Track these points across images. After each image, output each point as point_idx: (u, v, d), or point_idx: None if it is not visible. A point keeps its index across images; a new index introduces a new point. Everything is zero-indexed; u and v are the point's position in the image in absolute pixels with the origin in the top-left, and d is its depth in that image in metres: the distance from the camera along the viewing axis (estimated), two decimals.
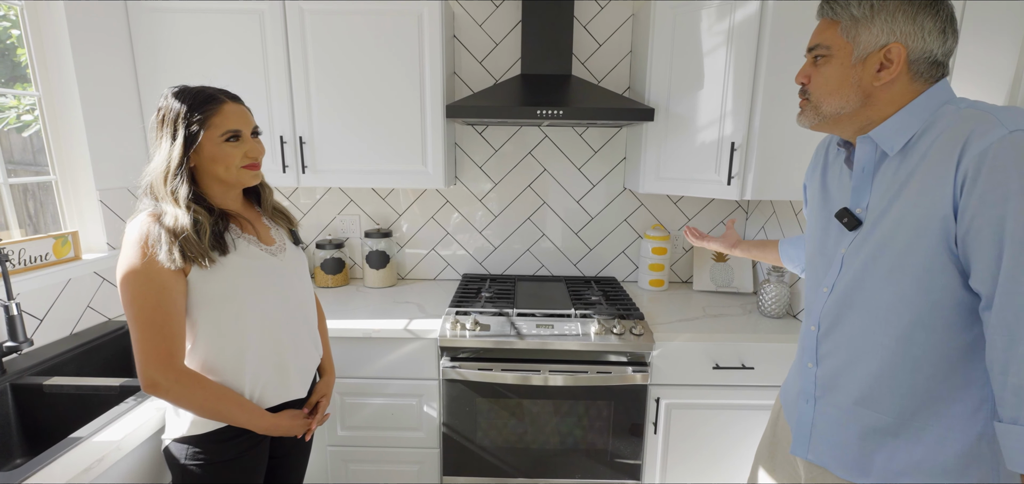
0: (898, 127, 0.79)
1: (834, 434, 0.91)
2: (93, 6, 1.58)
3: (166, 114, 0.97)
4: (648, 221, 2.18)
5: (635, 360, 1.60)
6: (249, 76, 1.74)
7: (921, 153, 0.77)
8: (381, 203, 2.18)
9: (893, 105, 0.80)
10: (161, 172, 0.96)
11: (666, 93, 1.73)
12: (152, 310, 0.91)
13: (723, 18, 1.56)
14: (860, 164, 0.85)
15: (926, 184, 0.75)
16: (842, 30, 0.80)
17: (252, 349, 1.03)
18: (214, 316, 0.99)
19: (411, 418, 1.70)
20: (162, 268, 0.91)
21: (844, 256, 0.88)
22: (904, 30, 0.76)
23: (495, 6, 2.00)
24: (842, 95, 0.82)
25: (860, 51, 0.79)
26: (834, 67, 0.82)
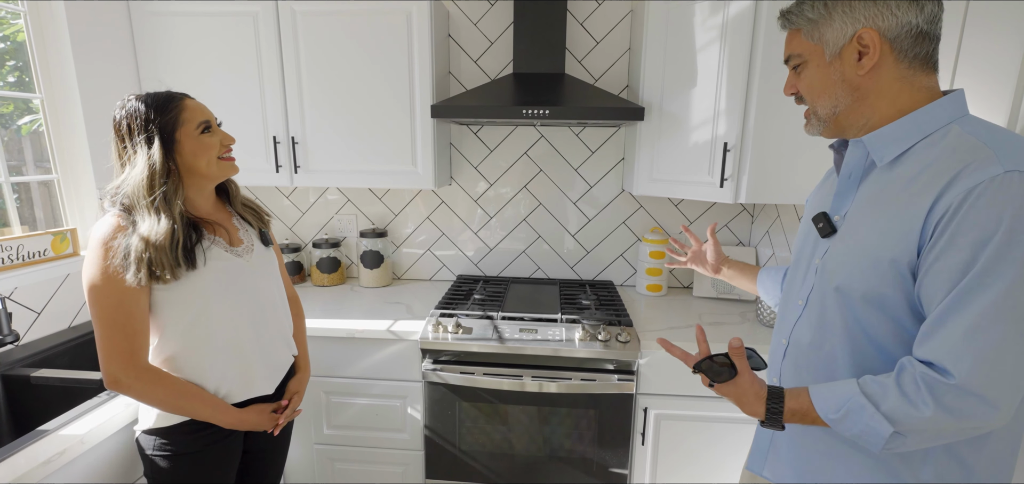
0: (894, 136, 0.73)
1: (793, 450, 0.88)
2: (96, 10, 1.64)
3: (131, 122, 0.95)
4: (648, 223, 2.11)
5: (621, 368, 1.55)
6: (244, 77, 1.77)
7: (910, 174, 0.71)
8: (378, 203, 2.19)
9: (885, 98, 0.74)
10: (143, 181, 0.93)
11: (659, 91, 1.66)
12: (114, 310, 0.92)
13: (717, 12, 1.49)
14: (848, 168, 0.80)
15: (899, 211, 0.70)
16: (805, 35, 0.78)
17: (216, 348, 1.03)
18: (178, 317, 0.99)
19: (395, 419, 1.70)
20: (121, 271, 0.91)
21: (818, 267, 0.83)
22: (867, 14, 0.71)
23: (490, 5, 1.98)
24: (830, 95, 0.77)
25: (831, 48, 0.75)
26: (813, 71, 0.78)
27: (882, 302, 0.73)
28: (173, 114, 0.97)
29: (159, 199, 0.94)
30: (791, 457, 0.88)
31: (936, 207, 0.65)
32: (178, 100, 0.99)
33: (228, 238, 1.07)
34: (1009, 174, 0.61)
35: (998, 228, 0.61)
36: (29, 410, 1.30)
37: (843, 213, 0.81)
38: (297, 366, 1.28)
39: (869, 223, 0.75)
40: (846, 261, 0.77)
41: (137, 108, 0.96)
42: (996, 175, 0.61)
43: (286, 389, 1.21)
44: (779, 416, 0.78)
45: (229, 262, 1.04)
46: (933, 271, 0.66)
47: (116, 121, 0.97)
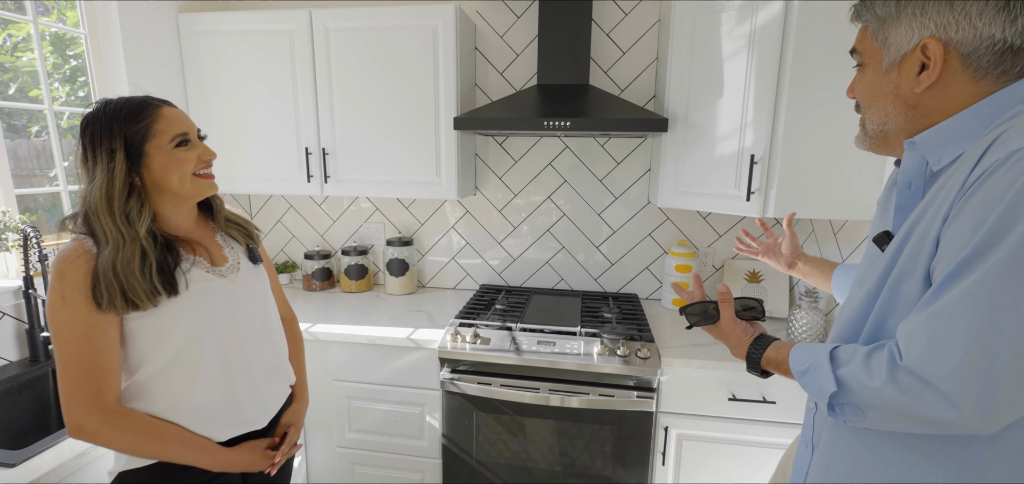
0: (947, 136, 0.62)
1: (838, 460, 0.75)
2: (148, 27, 1.77)
3: (96, 129, 0.84)
4: (674, 236, 2.06)
5: (641, 385, 1.51)
6: (279, 91, 1.85)
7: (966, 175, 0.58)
8: (405, 212, 2.24)
9: (948, 115, 0.63)
10: (101, 196, 0.83)
11: (685, 102, 1.63)
12: (77, 344, 0.82)
13: (744, 21, 1.45)
14: (907, 177, 0.68)
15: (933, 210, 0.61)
16: (871, 33, 0.68)
17: (199, 380, 0.92)
18: (154, 347, 0.89)
19: (414, 426, 1.72)
20: (92, 308, 0.82)
21: None
22: (939, 20, 0.60)
23: (516, 17, 2.00)
24: (879, 107, 0.68)
25: (892, 54, 0.65)
26: (868, 75, 0.70)
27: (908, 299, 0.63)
28: (144, 124, 0.86)
29: (119, 218, 0.84)
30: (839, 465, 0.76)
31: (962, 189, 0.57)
32: (153, 107, 0.89)
33: (210, 257, 0.97)
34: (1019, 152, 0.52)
35: (997, 206, 0.52)
36: None
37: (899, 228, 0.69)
38: (294, 395, 1.15)
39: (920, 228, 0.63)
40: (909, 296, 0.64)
41: (104, 113, 0.85)
42: (1018, 149, 0.52)
43: (280, 422, 1.09)
44: (758, 360, 0.80)
45: (211, 283, 0.94)
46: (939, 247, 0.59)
47: (81, 126, 0.86)
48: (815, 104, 1.37)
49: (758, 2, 1.41)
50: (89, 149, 0.85)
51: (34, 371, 1.36)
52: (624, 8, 1.92)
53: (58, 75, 1.62)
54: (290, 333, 1.19)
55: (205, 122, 1.93)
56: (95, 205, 0.84)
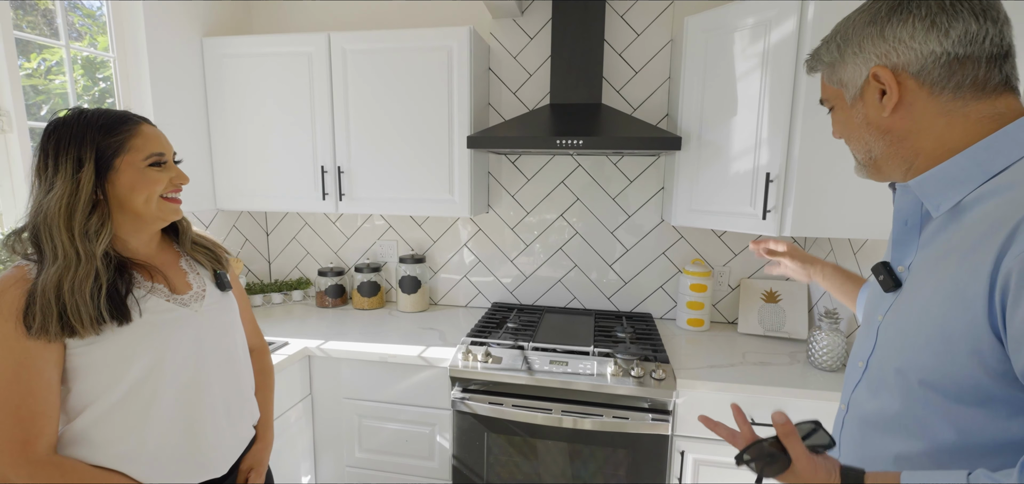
0: (948, 178, 0.62)
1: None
2: (173, 53, 1.83)
3: (64, 135, 0.78)
4: (689, 255, 2.03)
5: (656, 407, 1.48)
6: (296, 110, 1.90)
7: (975, 219, 0.59)
8: (418, 230, 2.25)
9: (926, 135, 0.64)
10: (60, 209, 0.76)
11: (698, 120, 1.62)
12: (7, 384, 0.73)
13: (757, 40, 1.44)
14: (902, 215, 0.70)
15: (962, 268, 0.58)
16: (827, 79, 0.73)
17: (152, 422, 0.83)
18: (101, 384, 0.80)
19: (424, 447, 1.70)
20: (24, 337, 0.74)
21: (879, 326, 0.72)
22: (877, 51, 0.65)
23: (529, 38, 2.02)
24: (859, 139, 0.71)
25: (851, 91, 0.70)
26: (840, 114, 0.73)
27: (967, 373, 0.58)
28: (120, 137, 0.81)
29: (78, 234, 0.77)
30: None
31: (1001, 263, 0.53)
32: (133, 123, 0.84)
33: (169, 285, 0.89)
34: None
35: None
36: None
37: (908, 264, 0.69)
38: (257, 434, 1.04)
39: (932, 287, 0.62)
40: (907, 329, 0.65)
41: (78, 121, 0.79)
42: None
43: (240, 467, 1.00)
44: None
45: (171, 313, 0.86)
46: (1016, 339, 0.52)
47: (47, 130, 0.79)
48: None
49: (771, 22, 1.41)
50: (51, 155, 0.78)
51: None
52: (636, 28, 1.94)
53: (87, 97, 1.68)
54: (259, 365, 1.09)
55: (225, 142, 1.98)
56: (50, 217, 0.76)
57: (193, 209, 1.95)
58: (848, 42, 0.68)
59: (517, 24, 2.02)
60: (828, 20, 1.31)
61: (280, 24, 2.21)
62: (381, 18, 2.12)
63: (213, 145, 2.00)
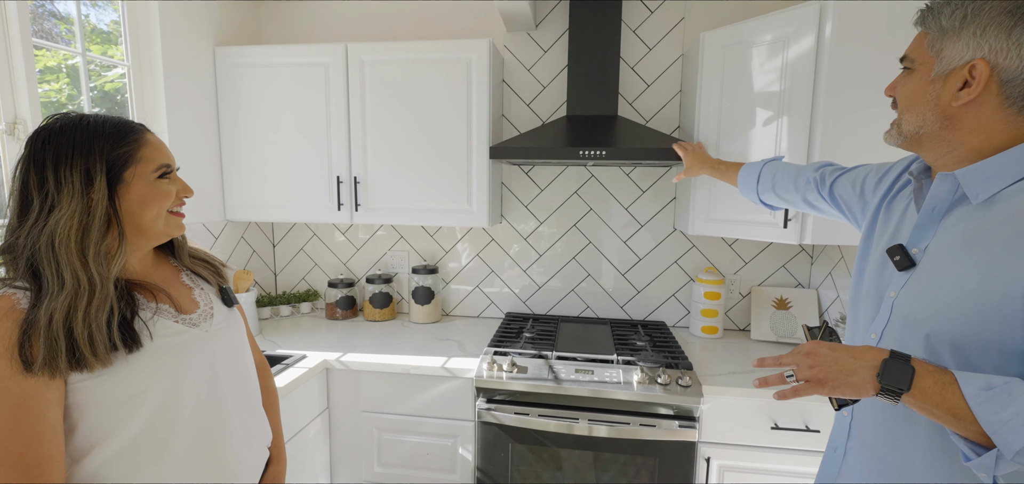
0: (992, 172, 0.68)
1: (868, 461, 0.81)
2: (187, 60, 1.80)
3: (64, 146, 0.69)
4: (701, 263, 2.07)
5: (682, 414, 1.49)
6: (311, 120, 1.88)
7: (1010, 216, 0.66)
8: (430, 240, 2.25)
9: (980, 134, 0.70)
10: (73, 230, 0.68)
11: (716, 133, 1.66)
12: (6, 432, 0.64)
13: (776, 55, 1.50)
14: (932, 202, 0.75)
15: (1006, 253, 0.65)
16: (929, 42, 0.73)
17: (172, 455, 0.76)
18: (111, 421, 0.72)
19: (446, 459, 1.68)
20: (20, 375, 0.65)
21: (894, 302, 0.79)
22: (995, 46, 0.66)
23: (543, 51, 2.05)
24: (918, 112, 0.74)
25: (942, 66, 0.71)
26: (914, 81, 0.75)
27: (992, 341, 0.66)
28: (130, 147, 0.75)
29: (93, 258, 0.69)
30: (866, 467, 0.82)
31: None
32: (138, 132, 0.77)
33: (175, 304, 0.81)
34: None
35: None
36: None
37: (923, 246, 0.76)
38: (272, 456, 0.99)
39: (968, 265, 0.69)
40: (940, 305, 0.71)
41: (80, 128, 0.71)
42: None
43: None
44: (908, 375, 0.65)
45: (181, 336, 0.78)
46: None
47: (39, 138, 0.70)
48: (851, 134, 1.40)
49: (789, 38, 1.46)
50: (50, 168, 0.68)
51: None
52: (648, 43, 1.99)
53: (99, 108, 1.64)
54: (264, 383, 1.02)
55: (236, 152, 1.95)
56: (59, 240, 0.67)
57: (203, 220, 1.91)
58: (976, 20, 0.67)
59: (531, 37, 2.05)
60: (845, 37, 1.37)
61: (289, 33, 2.20)
62: (392, 26, 2.12)
63: (223, 155, 1.97)
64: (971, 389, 0.62)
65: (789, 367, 0.73)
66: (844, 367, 0.69)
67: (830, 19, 1.37)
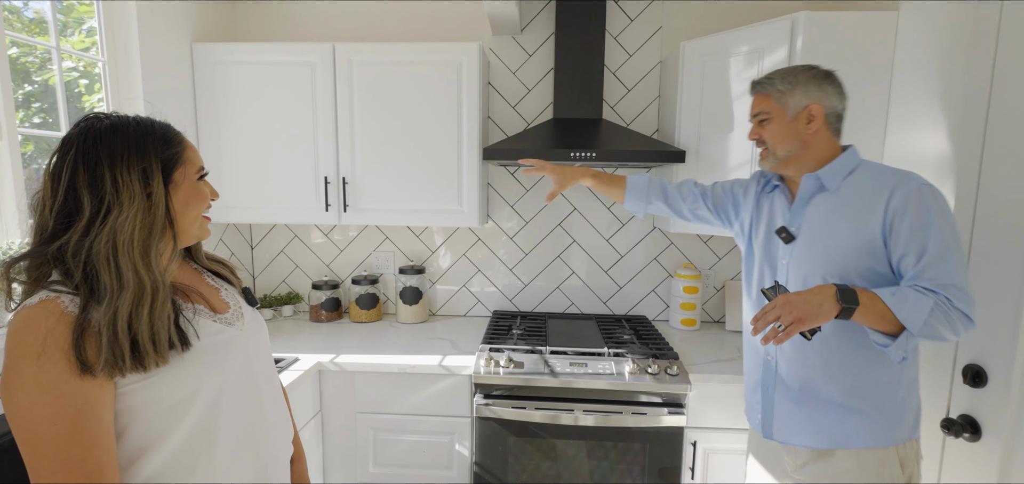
0: (837, 171, 1.09)
1: (791, 414, 1.14)
2: (163, 59, 1.73)
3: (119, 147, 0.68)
4: (678, 260, 2.18)
5: (671, 401, 1.58)
6: (297, 120, 1.85)
7: (852, 195, 1.07)
8: (415, 240, 2.25)
9: (821, 150, 1.10)
10: (138, 231, 0.67)
11: (696, 136, 1.77)
12: (67, 439, 0.62)
13: (752, 64, 1.61)
14: (803, 195, 1.13)
15: (860, 215, 1.04)
16: (775, 99, 1.11)
17: (222, 456, 0.76)
18: (162, 424, 0.71)
19: (443, 456, 1.70)
20: (77, 378, 0.63)
21: (788, 266, 1.14)
22: (816, 95, 1.08)
23: (528, 55, 2.10)
24: (788, 142, 1.11)
25: (791, 111, 1.10)
26: (776, 124, 1.11)
27: (860, 269, 1.03)
28: (177, 149, 0.75)
29: (153, 259, 0.69)
30: (791, 421, 1.14)
31: (888, 208, 1.01)
32: (180, 134, 0.79)
33: (209, 304, 0.81)
34: (921, 185, 1.00)
35: (928, 211, 0.97)
36: None
37: (797, 225, 1.13)
38: (295, 452, 1.00)
39: (837, 227, 1.06)
40: (826, 255, 1.07)
41: (132, 128, 0.71)
42: (913, 187, 1.00)
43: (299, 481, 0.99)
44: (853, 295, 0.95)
45: (221, 335, 0.79)
46: (901, 243, 0.99)
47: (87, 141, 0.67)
48: None
49: (764, 50, 1.58)
50: (105, 167, 0.66)
51: None
52: (629, 50, 2.08)
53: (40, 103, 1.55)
54: None
55: (216, 151, 1.89)
56: (124, 242, 0.66)
57: None
58: (798, 84, 1.09)
59: (516, 41, 2.10)
60: (813, 49, 1.50)
61: (266, 32, 2.15)
62: (372, 27, 2.12)
63: (202, 155, 1.90)
64: (886, 296, 0.96)
65: (775, 320, 0.97)
66: (813, 303, 0.95)
67: (801, 33, 1.50)
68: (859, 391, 1.06)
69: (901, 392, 1.06)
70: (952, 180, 1.28)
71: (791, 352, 1.13)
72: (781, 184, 1.20)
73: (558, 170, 1.47)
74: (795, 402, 1.13)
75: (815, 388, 1.10)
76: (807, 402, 1.11)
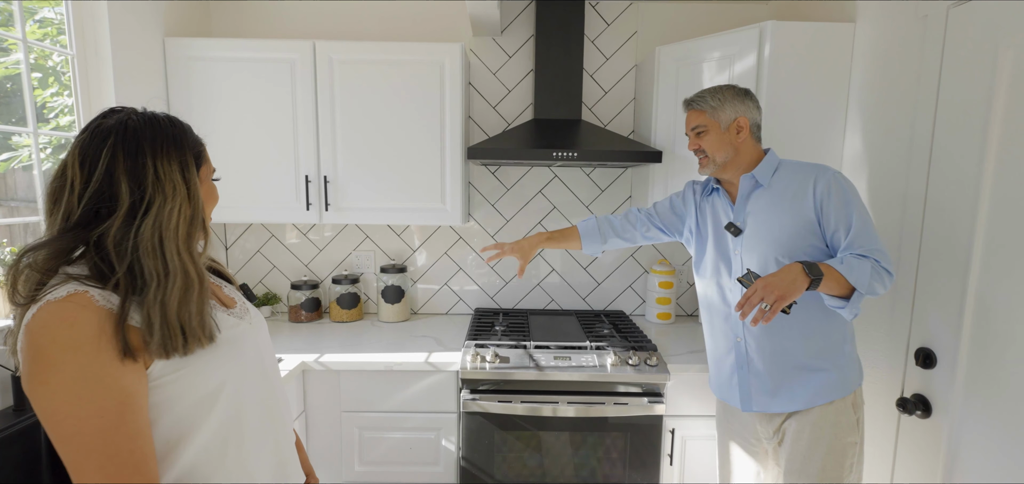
0: (766, 170, 1.29)
1: (766, 384, 1.29)
2: (134, 54, 1.68)
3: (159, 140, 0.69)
4: (654, 256, 2.27)
5: (650, 391, 1.65)
6: (277, 119, 1.83)
7: (782, 185, 1.26)
8: (396, 239, 2.25)
9: (750, 155, 1.30)
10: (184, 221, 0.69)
11: (672, 137, 1.85)
12: (112, 430, 0.61)
13: (723, 70, 1.70)
14: (743, 192, 1.31)
15: (794, 202, 1.23)
16: (708, 114, 1.30)
17: (247, 449, 0.77)
18: (191, 417, 0.71)
19: (429, 452, 1.72)
20: (118, 366, 0.62)
21: (740, 255, 1.30)
22: (740, 109, 1.29)
23: (508, 56, 2.14)
24: (723, 150, 1.30)
25: (724, 123, 1.29)
26: (713, 135, 1.30)
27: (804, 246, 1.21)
28: (202, 148, 0.78)
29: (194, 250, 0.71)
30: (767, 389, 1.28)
31: (815, 193, 1.21)
32: None
33: (218, 299, 0.83)
34: (834, 173, 1.21)
35: (845, 192, 1.19)
36: None
37: (742, 219, 1.30)
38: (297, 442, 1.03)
39: (778, 215, 1.24)
40: (774, 238, 1.24)
41: (166, 122, 0.72)
42: (830, 176, 1.21)
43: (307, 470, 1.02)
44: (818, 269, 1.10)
45: (236, 329, 0.80)
46: (832, 221, 1.19)
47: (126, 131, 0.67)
48: (783, 130, 1.63)
49: (735, 56, 1.67)
50: (147, 159, 0.67)
51: (21, 422, 1.21)
52: (606, 53, 2.15)
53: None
54: None
55: None
56: (170, 232, 0.67)
57: None
58: (726, 101, 1.29)
59: (496, 43, 2.13)
60: (780, 56, 1.59)
61: (238, 30, 2.11)
62: (348, 25, 2.11)
63: None
64: (836, 264, 1.12)
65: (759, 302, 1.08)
66: (787, 281, 1.08)
67: (768, 41, 1.59)
68: (822, 352, 1.24)
69: (847, 347, 1.26)
70: (904, 177, 1.39)
71: (758, 330, 1.28)
72: (719, 187, 1.37)
73: (518, 247, 1.57)
74: (769, 373, 1.28)
75: (785, 357, 1.26)
76: (780, 371, 1.27)
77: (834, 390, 1.23)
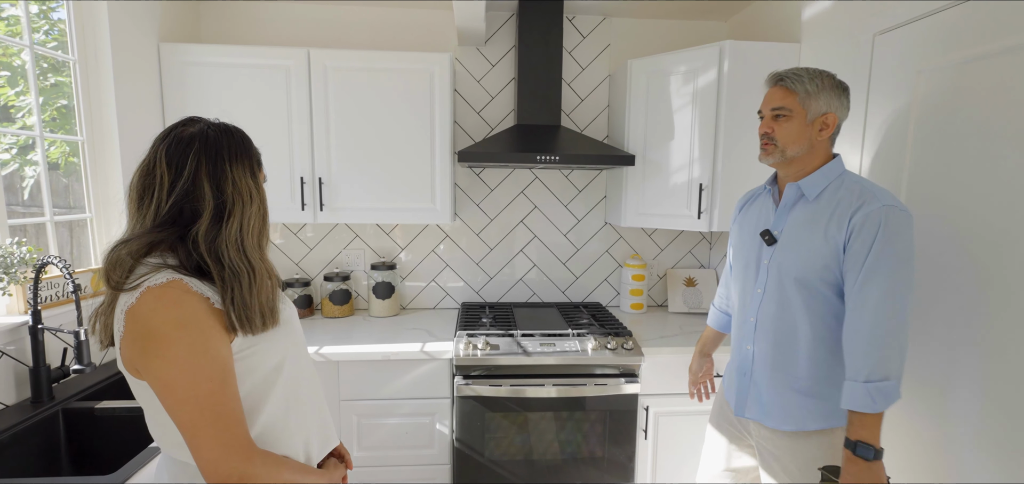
0: (818, 182, 1.16)
1: (763, 395, 1.24)
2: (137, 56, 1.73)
3: (234, 148, 0.79)
4: (627, 251, 2.45)
5: (627, 372, 1.82)
6: (272, 122, 1.91)
7: (828, 205, 1.13)
8: (385, 238, 2.35)
9: (819, 158, 1.16)
10: (261, 223, 0.80)
11: (643, 142, 2.03)
12: (220, 390, 0.73)
13: (688, 82, 1.89)
14: (787, 201, 1.21)
15: (829, 226, 1.12)
16: (799, 99, 1.14)
17: (303, 405, 0.88)
18: (262, 390, 0.82)
19: (424, 436, 1.84)
20: (219, 341, 0.74)
21: (768, 265, 1.23)
22: (834, 105, 1.14)
23: (491, 65, 2.28)
24: (800, 143, 1.15)
25: (812, 114, 1.14)
26: (795, 123, 1.15)
27: (821, 278, 1.13)
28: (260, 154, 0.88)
29: (266, 249, 0.82)
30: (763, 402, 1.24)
31: (852, 222, 1.08)
32: None
33: None
34: (887, 208, 1.05)
35: (876, 235, 1.05)
36: (90, 442, 1.32)
37: (780, 230, 1.21)
38: None
39: (810, 236, 1.14)
40: (799, 260, 1.15)
41: (234, 130, 0.83)
42: (878, 208, 1.06)
43: None
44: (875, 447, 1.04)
45: (289, 309, 0.90)
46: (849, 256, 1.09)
47: (206, 140, 0.77)
48: (743, 145, 1.84)
49: (699, 70, 1.87)
50: (227, 166, 0.77)
51: (40, 413, 1.26)
52: (582, 63, 2.32)
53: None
54: None
55: None
56: (249, 232, 0.77)
57: None
58: (823, 90, 1.13)
59: (480, 52, 2.27)
60: (737, 72, 1.80)
61: (228, 36, 2.16)
62: (336, 33, 2.20)
63: None
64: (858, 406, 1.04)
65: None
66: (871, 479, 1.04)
67: (727, 58, 1.80)
68: (825, 380, 1.16)
69: None
70: None
71: (767, 345, 1.22)
72: (773, 186, 1.26)
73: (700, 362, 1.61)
74: (767, 390, 1.23)
75: (787, 378, 1.19)
76: (778, 391, 1.21)
77: (828, 418, 1.16)
